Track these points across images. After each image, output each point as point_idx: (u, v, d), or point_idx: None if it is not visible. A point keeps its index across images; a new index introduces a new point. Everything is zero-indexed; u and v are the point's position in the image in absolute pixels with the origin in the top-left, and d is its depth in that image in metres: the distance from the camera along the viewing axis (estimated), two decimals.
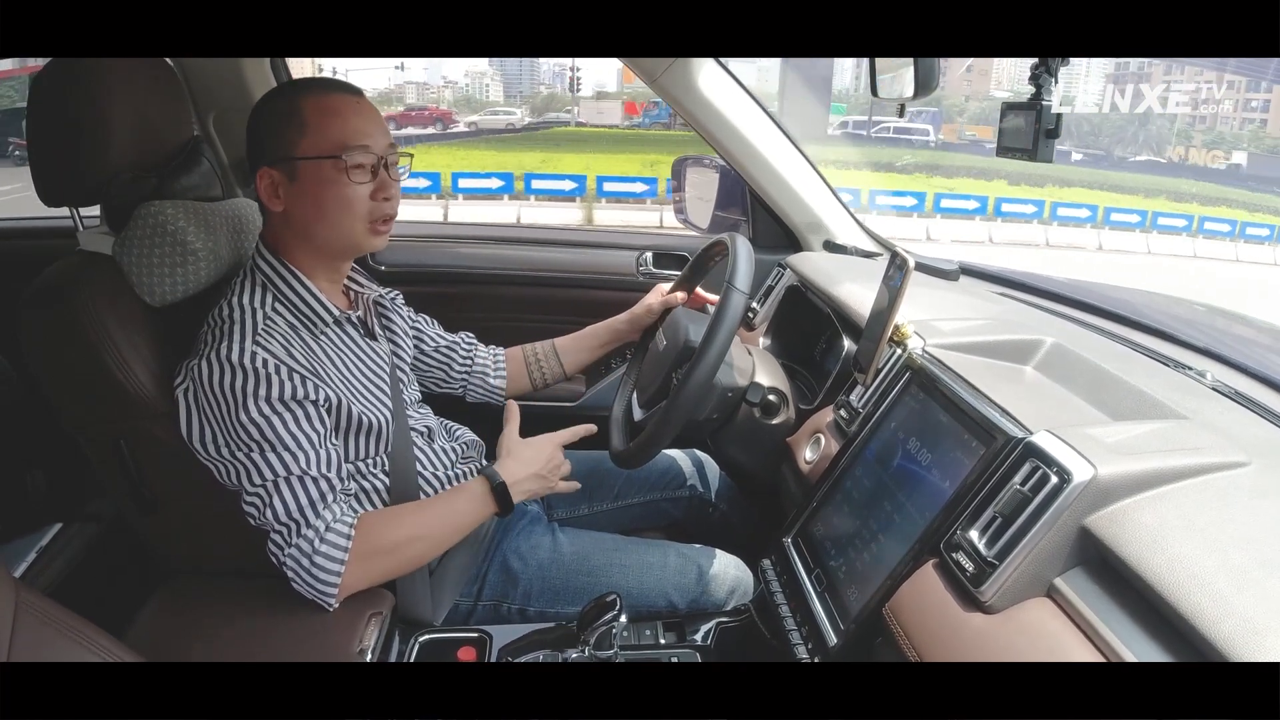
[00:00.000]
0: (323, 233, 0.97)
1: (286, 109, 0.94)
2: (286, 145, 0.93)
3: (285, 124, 0.93)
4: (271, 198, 0.96)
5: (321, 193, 0.94)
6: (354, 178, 0.94)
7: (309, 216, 0.96)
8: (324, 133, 0.93)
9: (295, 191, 0.95)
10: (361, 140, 0.94)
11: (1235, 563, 0.55)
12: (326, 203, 0.94)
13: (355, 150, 0.93)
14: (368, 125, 0.95)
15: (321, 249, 0.99)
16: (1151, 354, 0.96)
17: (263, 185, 0.95)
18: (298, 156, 0.93)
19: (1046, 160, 0.84)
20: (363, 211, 0.96)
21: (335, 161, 0.93)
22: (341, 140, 0.93)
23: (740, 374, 1.08)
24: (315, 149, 0.93)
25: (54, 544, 1.32)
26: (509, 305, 1.65)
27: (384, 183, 0.96)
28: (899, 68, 1.05)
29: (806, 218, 1.51)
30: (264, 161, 0.95)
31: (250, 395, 0.88)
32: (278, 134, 0.94)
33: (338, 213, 0.95)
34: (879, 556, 0.79)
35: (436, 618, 1.04)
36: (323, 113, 0.93)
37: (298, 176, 0.94)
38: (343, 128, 0.93)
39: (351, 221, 0.96)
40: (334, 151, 0.93)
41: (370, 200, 0.96)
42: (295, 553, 0.88)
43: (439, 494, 1.03)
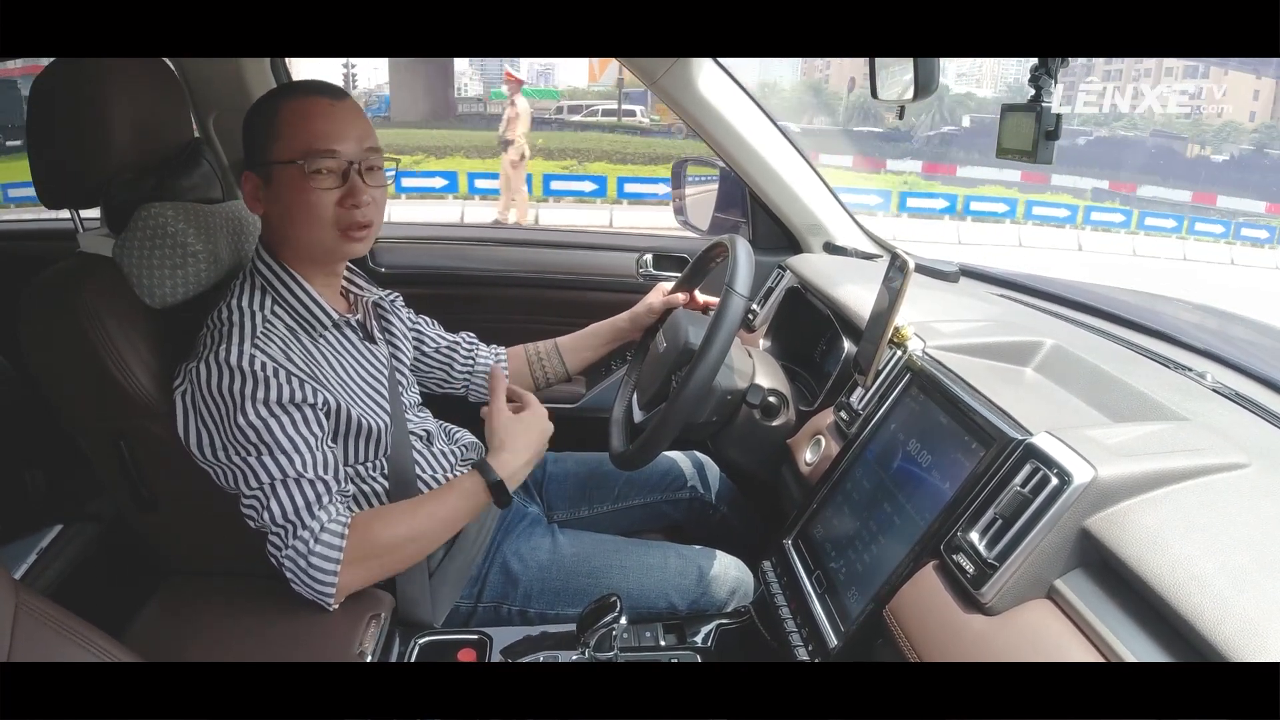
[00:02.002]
0: (297, 237, 0.96)
1: (268, 112, 0.94)
2: (261, 149, 0.93)
3: (263, 128, 0.93)
4: (253, 201, 0.96)
5: (291, 199, 0.93)
6: (316, 184, 0.92)
7: (284, 221, 0.95)
8: (293, 137, 0.92)
9: (270, 196, 0.94)
10: (327, 144, 0.92)
11: (1236, 564, 0.55)
12: (295, 209, 0.93)
13: (319, 155, 0.91)
14: (338, 129, 0.92)
15: (302, 253, 0.98)
16: (1152, 355, 0.96)
17: (246, 189, 0.96)
18: (271, 161, 0.93)
19: (1046, 161, 0.84)
20: (328, 218, 0.93)
21: (297, 167, 0.91)
22: (306, 145, 0.91)
23: (740, 376, 1.08)
24: (283, 154, 0.92)
25: (54, 544, 1.31)
26: (509, 307, 1.65)
27: (353, 189, 0.93)
28: (898, 68, 1.05)
29: (806, 219, 1.51)
30: (246, 165, 0.96)
31: (248, 398, 0.88)
32: (257, 138, 0.94)
33: (305, 219, 0.93)
34: (879, 558, 0.79)
35: (437, 619, 1.04)
36: (294, 116, 0.93)
37: (272, 181, 0.93)
38: (309, 132, 0.92)
39: (320, 229, 0.94)
40: (297, 156, 0.91)
41: (338, 207, 0.93)
42: (292, 553, 0.88)
43: (433, 491, 1.02)
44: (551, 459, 1.34)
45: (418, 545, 0.96)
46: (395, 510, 0.97)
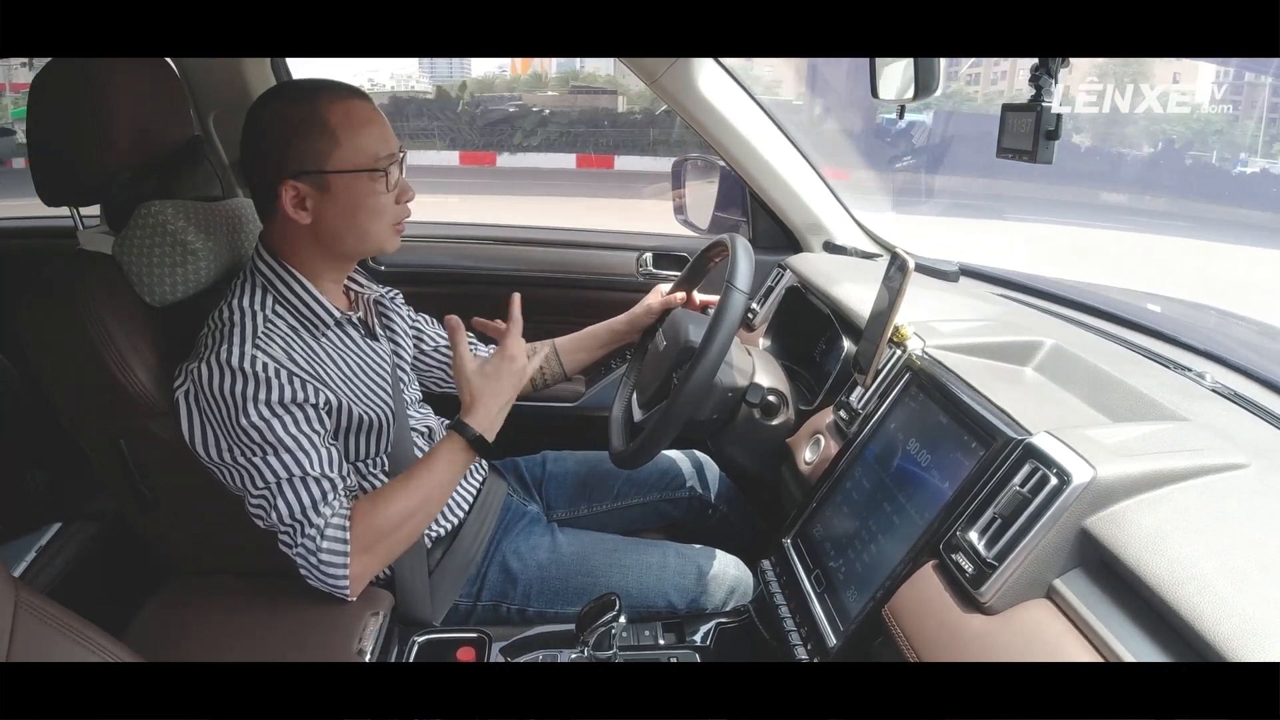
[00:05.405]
0: (350, 240, 0.97)
1: (308, 118, 0.91)
2: (317, 158, 0.91)
3: (311, 135, 0.91)
4: (298, 210, 0.93)
5: (357, 205, 0.94)
6: (384, 186, 0.94)
7: (339, 228, 0.95)
8: (357, 144, 0.92)
9: (326, 203, 0.93)
10: (389, 149, 0.94)
11: (1235, 564, 0.55)
12: (360, 214, 0.94)
13: (386, 160, 0.94)
14: (388, 131, 0.96)
15: (344, 255, 0.99)
16: (1151, 355, 0.96)
17: (288, 198, 0.92)
18: (330, 170, 0.92)
19: (1047, 161, 0.84)
20: (391, 217, 0.97)
21: (372, 174, 0.93)
22: (374, 151, 0.93)
23: (740, 374, 1.08)
24: (351, 162, 0.92)
25: (54, 543, 1.31)
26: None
27: (404, 186, 0.97)
28: (896, 68, 1.04)
29: (806, 218, 1.51)
30: (286, 174, 0.92)
31: (250, 399, 0.88)
32: (303, 145, 0.91)
33: (368, 222, 0.95)
34: (878, 557, 0.79)
35: (436, 617, 1.04)
36: (352, 123, 0.92)
37: (329, 189, 0.93)
38: (374, 137, 0.93)
39: (379, 228, 0.97)
40: (370, 164, 0.93)
41: (395, 205, 0.97)
42: (303, 550, 0.89)
43: (418, 462, 0.98)
44: (551, 458, 1.34)
45: (417, 519, 0.95)
46: (388, 491, 0.95)
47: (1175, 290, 2.83)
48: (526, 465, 1.32)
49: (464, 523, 1.11)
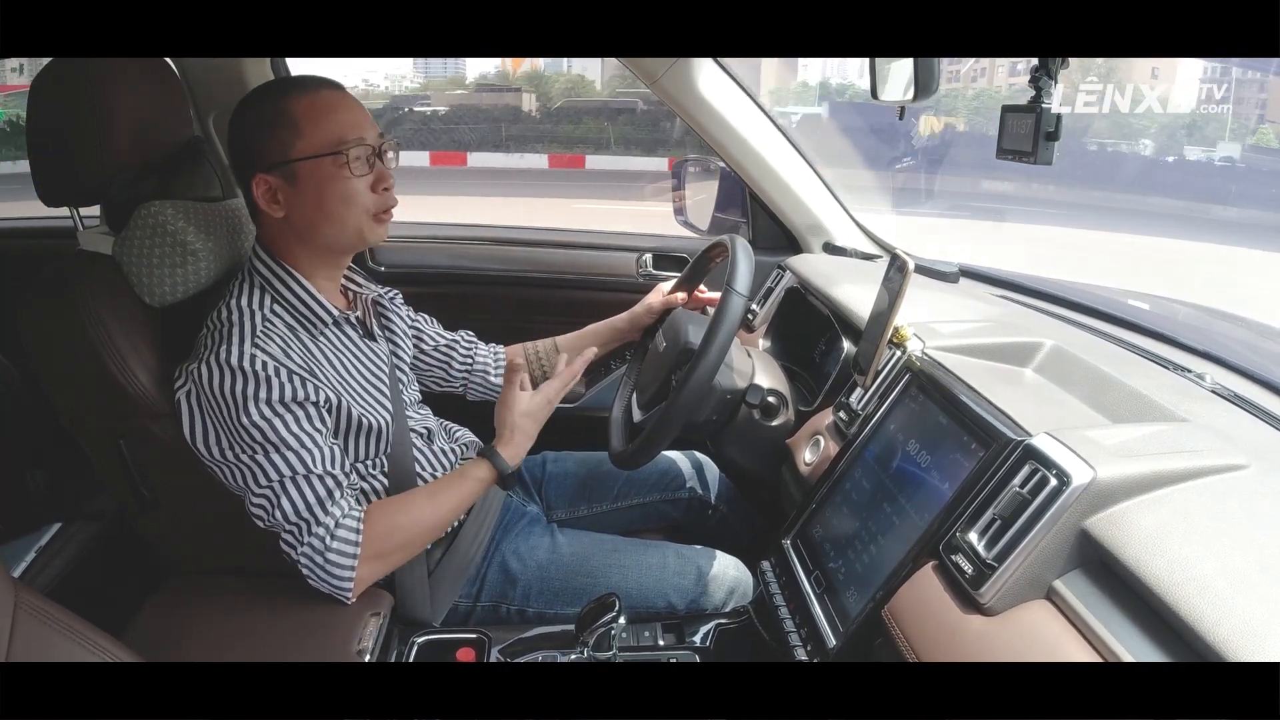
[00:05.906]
0: (328, 231, 0.96)
1: (273, 113, 0.93)
2: (281, 149, 0.93)
3: (276, 128, 0.93)
4: (271, 204, 0.95)
5: (324, 191, 0.93)
6: (355, 170, 0.93)
7: (313, 218, 0.95)
8: (319, 131, 0.92)
9: (296, 194, 0.94)
10: (357, 133, 0.94)
11: (1235, 565, 0.55)
12: (329, 201, 0.94)
13: (353, 144, 0.93)
14: (357, 117, 0.95)
15: (326, 248, 0.99)
16: (1151, 356, 0.96)
17: (260, 193, 0.94)
18: (294, 159, 0.92)
19: (1047, 162, 0.84)
20: (366, 205, 0.96)
21: (335, 158, 0.92)
22: (338, 135, 0.93)
23: (740, 375, 1.08)
24: (313, 148, 0.92)
25: (53, 543, 1.32)
26: (508, 306, 1.65)
27: (382, 174, 0.96)
28: (897, 68, 1.04)
29: (806, 219, 1.51)
30: (257, 168, 0.94)
31: (251, 398, 0.88)
32: (269, 139, 0.93)
33: (342, 209, 0.95)
34: (878, 558, 0.79)
35: (435, 618, 1.04)
36: (315, 111, 0.93)
37: (297, 179, 0.93)
38: (336, 123, 0.93)
39: (356, 216, 0.96)
40: (333, 148, 0.92)
41: (372, 193, 0.96)
42: (309, 550, 0.89)
43: (445, 479, 1.02)
44: (551, 458, 1.34)
45: (430, 535, 0.98)
46: (408, 501, 0.97)
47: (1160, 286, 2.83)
48: (526, 466, 1.32)
49: (464, 523, 1.11)
